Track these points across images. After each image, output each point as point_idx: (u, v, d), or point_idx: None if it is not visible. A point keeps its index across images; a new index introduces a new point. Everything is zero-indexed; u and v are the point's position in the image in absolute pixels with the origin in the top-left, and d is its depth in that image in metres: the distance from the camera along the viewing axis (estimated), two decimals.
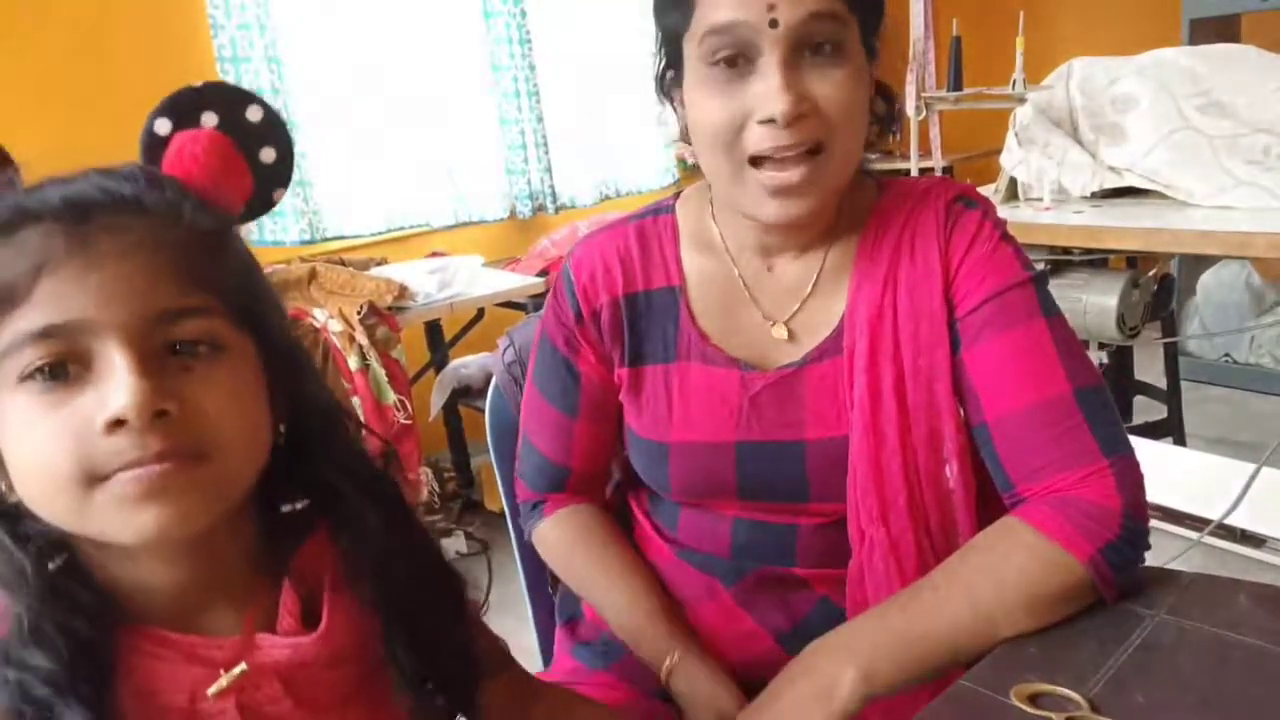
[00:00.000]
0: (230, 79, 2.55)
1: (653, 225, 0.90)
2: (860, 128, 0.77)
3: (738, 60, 0.73)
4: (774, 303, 0.86)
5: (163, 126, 0.57)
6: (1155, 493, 0.72)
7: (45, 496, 0.49)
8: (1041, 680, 0.63)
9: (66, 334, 0.47)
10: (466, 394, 2.65)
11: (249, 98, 0.60)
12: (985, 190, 2.40)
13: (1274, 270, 3.23)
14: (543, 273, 2.69)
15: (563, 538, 0.97)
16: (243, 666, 0.54)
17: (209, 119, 0.58)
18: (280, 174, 0.61)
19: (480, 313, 2.66)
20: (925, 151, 2.55)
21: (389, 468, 0.65)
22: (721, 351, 0.85)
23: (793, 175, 0.74)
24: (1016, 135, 2.28)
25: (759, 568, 0.89)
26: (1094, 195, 2.16)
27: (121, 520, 0.49)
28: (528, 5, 3.18)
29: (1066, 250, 2.09)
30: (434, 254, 2.85)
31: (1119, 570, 0.69)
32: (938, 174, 2.39)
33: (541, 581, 1.12)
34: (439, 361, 2.74)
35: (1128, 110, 2.12)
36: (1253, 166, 1.92)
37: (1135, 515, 0.70)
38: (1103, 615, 0.69)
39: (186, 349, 0.51)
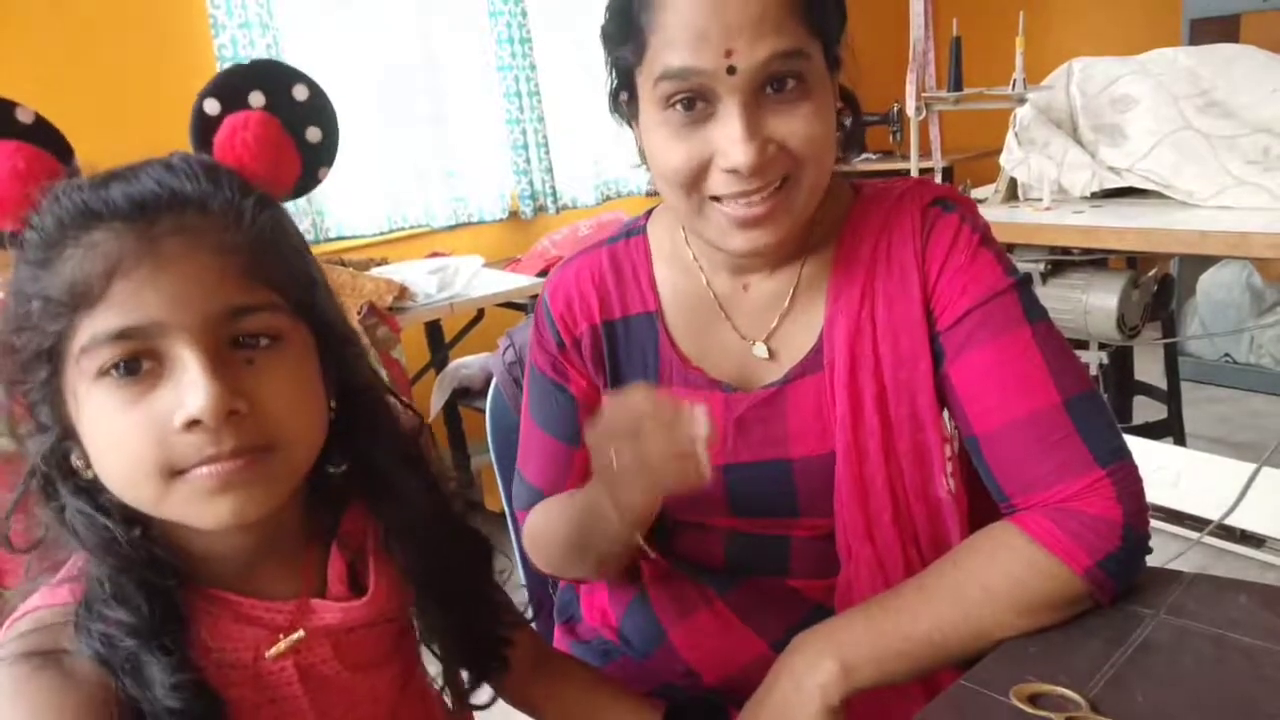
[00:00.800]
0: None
1: (625, 249, 0.88)
2: (829, 154, 0.74)
3: (695, 103, 0.70)
4: (751, 321, 0.84)
5: (212, 107, 0.58)
6: (1155, 493, 0.72)
7: (127, 484, 0.53)
8: (1041, 680, 0.63)
9: (141, 335, 0.50)
10: (466, 394, 2.65)
11: (296, 76, 0.61)
12: (985, 190, 2.40)
13: (1274, 270, 3.23)
14: (543, 273, 2.69)
15: (532, 522, 0.93)
16: (300, 634, 0.59)
17: (256, 98, 0.59)
18: (326, 153, 0.63)
19: (480, 313, 2.66)
20: (925, 151, 2.55)
21: (420, 441, 0.68)
22: (703, 374, 0.83)
23: (759, 208, 0.71)
24: (1016, 135, 2.29)
25: (752, 577, 0.88)
26: (1094, 195, 2.16)
27: (199, 510, 0.53)
28: (529, 5, 3.18)
29: (1066, 250, 2.09)
30: (434, 254, 2.85)
31: (1118, 578, 0.69)
32: (938, 174, 2.40)
33: (541, 582, 1.12)
34: (439, 362, 2.74)
35: (1128, 110, 2.12)
36: (1253, 166, 1.92)
37: (1136, 525, 0.69)
38: (1103, 615, 0.69)
39: (249, 341, 0.54)
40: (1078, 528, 0.68)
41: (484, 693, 0.73)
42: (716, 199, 0.73)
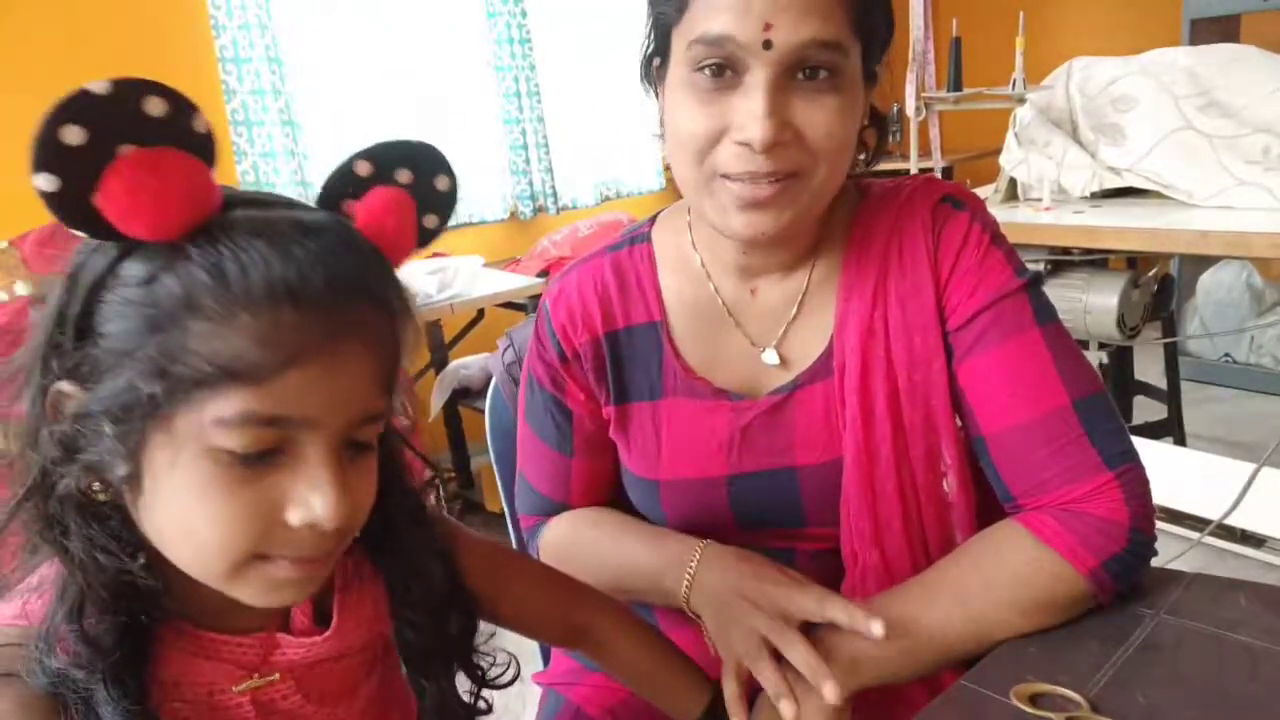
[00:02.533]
0: (231, 79, 2.56)
1: (629, 257, 0.86)
2: (844, 158, 0.72)
3: (724, 71, 0.68)
4: (759, 327, 0.82)
5: (364, 169, 0.57)
6: (1155, 493, 0.72)
7: (198, 557, 0.50)
8: (1041, 680, 0.63)
9: (290, 426, 0.48)
10: (466, 395, 2.65)
11: (445, 167, 0.61)
12: (985, 190, 2.40)
13: (1274, 270, 3.23)
14: (543, 273, 2.69)
15: (563, 532, 0.93)
16: (275, 676, 0.57)
17: (403, 175, 0.58)
18: (429, 238, 0.62)
19: (480, 313, 2.66)
20: (925, 151, 2.55)
21: (428, 494, 0.67)
22: (708, 384, 0.82)
23: (764, 191, 0.69)
24: (1016, 135, 2.29)
25: None
26: (1094, 195, 2.16)
27: (265, 595, 0.51)
28: (528, 5, 3.18)
29: (1066, 250, 2.09)
30: (434, 254, 2.85)
31: (1121, 580, 0.69)
32: (938, 174, 2.40)
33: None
34: (439, 362, 2.74)
35: (1128, 110, 2.12)
36: (1253, 166, 1.92)
37: (1142, 528, 0.69)
38: (1103, 615, 0.69)
39: (357, 443, 0.52)
40: (1084, 529, 0.68)
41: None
42: (725, 176, 0.71)
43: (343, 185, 0.57)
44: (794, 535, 0.84)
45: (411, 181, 0.58)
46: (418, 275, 2.40)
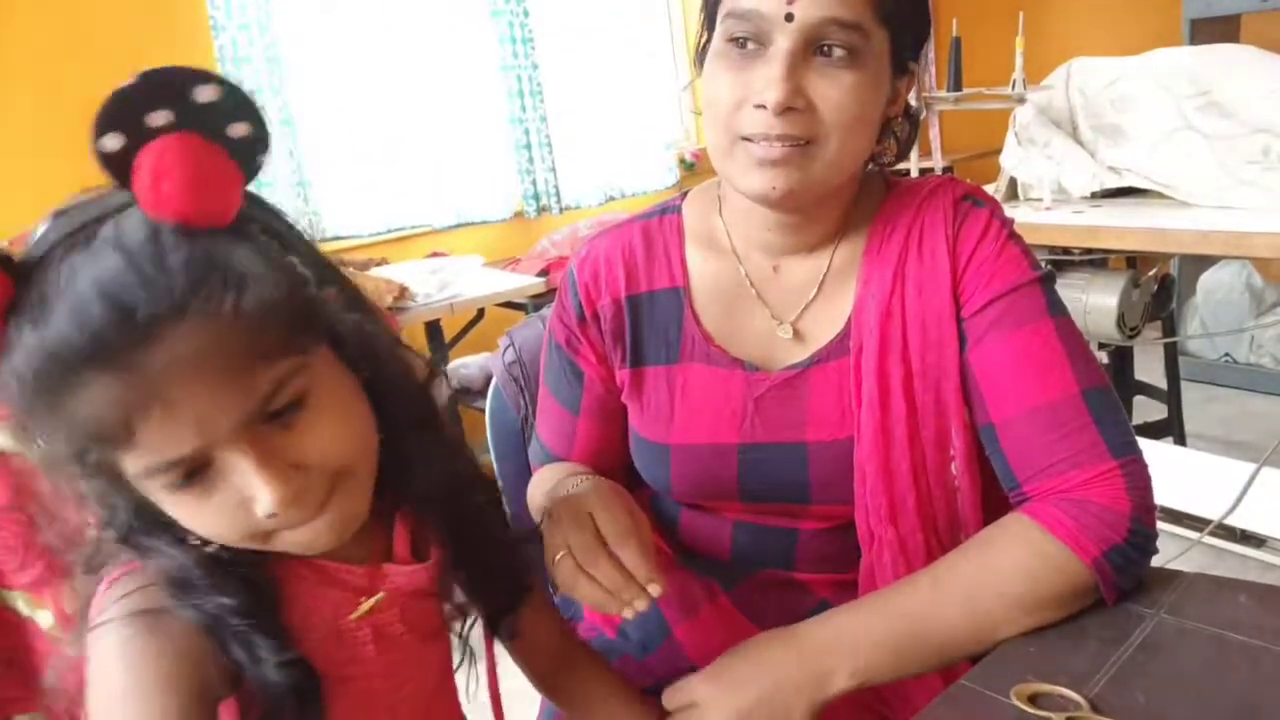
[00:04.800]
0: (232, 79, 2.55)
1: (658, 225, 0.90)
2: (859, 136, 0.76)
3: (751, 43, 0.74)
4: (781, 303, 0.85)
5: (113, 143, 0.49)
6: (1155, 493, 0.72)
7: (226, 543, 0.55)
8: (1041, 680, 0.63)
9: (185, 462, 0.49)
10: (466, 394, 2.65)
11: (192, 78, 0.51)
12: (985, 190, 2.40)
13: (1274, 270, 3.23)
14: (543, 273, 2.69)
15: (536, 479, 0.96)
16: (381, 595, 0.62)
17: (159, 118, 0.49)
18: (259, 142, 0.54)
19: (480, 313, 2.66)
20: (925, 151, 2.55)
21: (431, 393, 0.67)
22: (725, 353, 0.85)
23: (777, 150, 0.74)
24: (1016, 135, 2.29)
25: (758, 571, 0.89)
26: (1094, 195, 2.16)
27: (306, 548, 0.56)
28: (531, 5, 3.18)
29: (1066, 250, 2.09)
30: (434, 254, 2.85)
31: (1123, 573, 0.69)
32: (937, 174, 2.40)
33: (542, 581, 1.11)
34: (439, 362, 2.74)
35: (1128, 110, 2.12)
36: (1253, 166, 1.92)
37: (1144, 519, 0.70)
38: (1103, 615, 0.69)
39: (281, 411, 0.52)
40: (1086, 517, 0.69)
41: (508, 630, 0.75)
42: (746, 139, 0.75)
43: (117, 172, 0.50)
44: (797, 512, 0.86)
45: (173, 118, 0.50)
46: (418, 275, 2.40)
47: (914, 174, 2.27)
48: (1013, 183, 2.30)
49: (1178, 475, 2.11)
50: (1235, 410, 3.00)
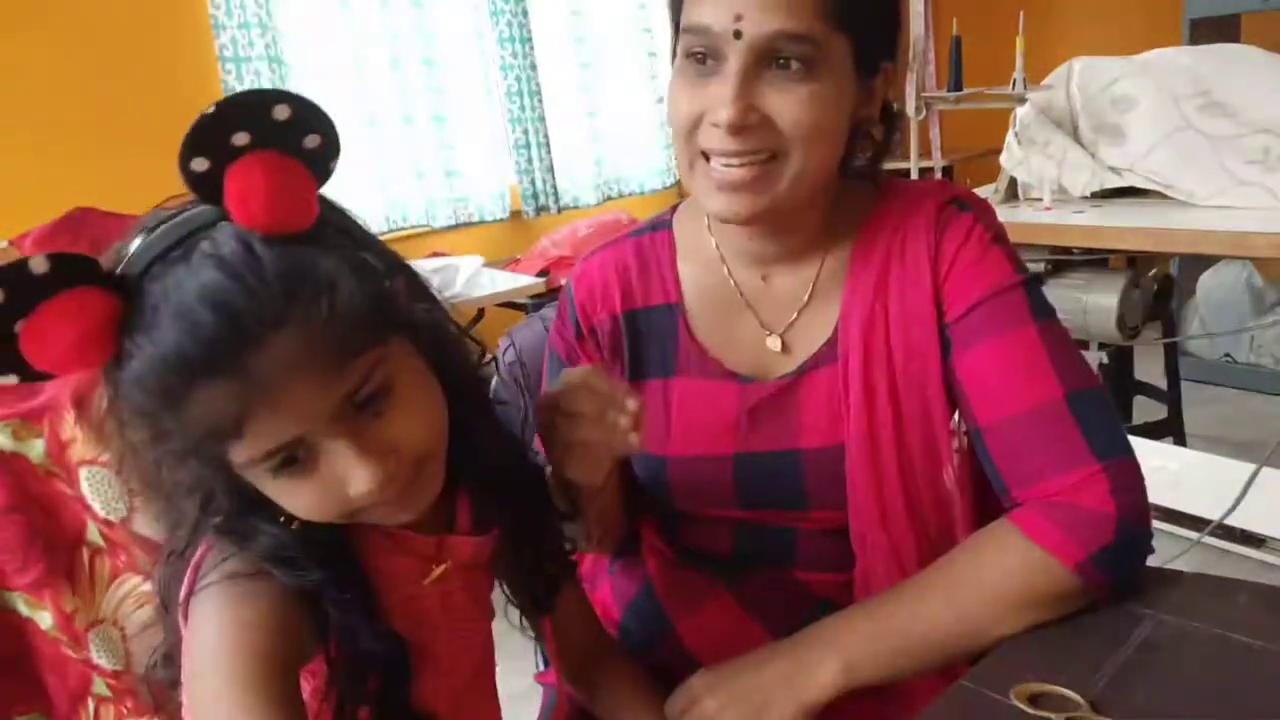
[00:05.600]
0: (232, 78, 2.56)
1: (650, 242, 0.90)
2: (824, 147, 0.76)
3: (707, 59, 0.74)
4: (771, 313, 0.85)
5: (200, 165, 0.54)
6: (1155, 493, 0.72)
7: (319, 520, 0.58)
8: (1041, 680, 0.63)
9: (287, 448, 0.54)
10: None
11: (270, 97, 0.57)
12: (985, 190, 2.40)
13: (1274, 270, 3.22)
14: (543, 272, 2.69)
15: None
16: (448, 564, 0.66)
17: (240, 138, 0.54)
18: (331, 148, 0.59)
19: (480, 313, 2.65)
20: (925, 151, 2.55)
21: (484, 369, 0.72)
22: (720, 365, 0.85)
23: (737, 174, 0.74)
24: (1016, 135, 2.29)
25: (760, 569, 0.89)
26: (1094, 195, 2.16)
27: (389, 520, 0.60)
28: (530, 5, 3.18)
29: (1066, 250, 2.09)
30: (434, 254, 2.85)
31: (1115, 574, 0.69)
32: (937, 174, 2.40)
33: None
34: None
35: (1128, 110, 2.12)
36: (1253, 166, 1.92)
37: (1133, 519, 0.69)
38: (1103, 615, 0.69)
39: (371, 398, 0.56)
40: (1071, 522, 0.69)
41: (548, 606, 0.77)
42: (706, 157, 0.76)
43: (206, 192, 0.54)
44: (796, 517, 0.86)
45: (253, 139, 0.54)
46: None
47: (914, 174, 2.28)
48: (1013, 183, 2.30)
49: (1178, 475, 2.11)
50: (1235, 410, 3.00)
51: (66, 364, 0.52)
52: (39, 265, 0.49)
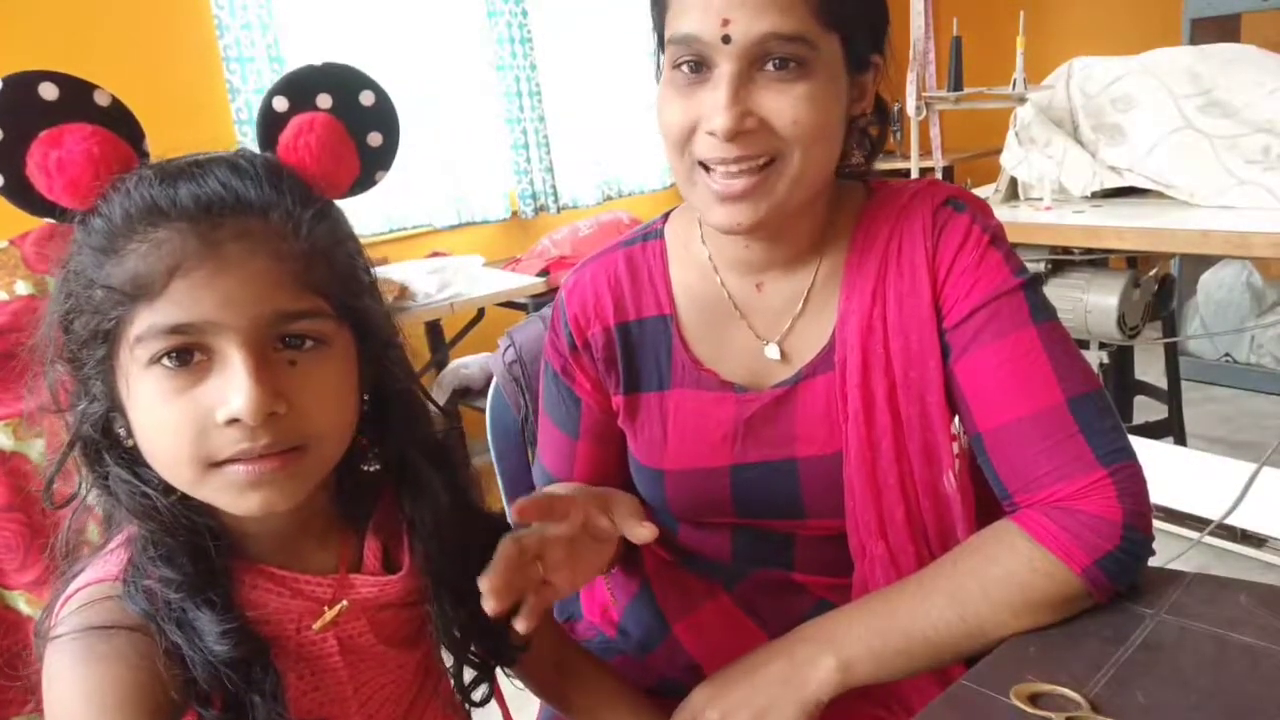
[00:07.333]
0: (235, 78, 2.56)
1: (641, 252, 0.89)
2: (822, 146, 0.74)
3: (699, 67, 0.72)
4: (765, 322, 0.84)
5: (280, 104, 0.60)
6: (1155, 493, 0.72)
7: (167, 466, 0.56)
8: (1041, 680, 0.63)
9: (194, 331, 0.53)
10: (466, 394, 2.65)
11: (365, 82, 0.63)
12: (985, 190, 2.40)
13: (1274, 270, 3.23)
14: (543, 272, 2.69)
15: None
16: (344, 604, 0.62)
17: (324, 100, 0.61)
18: (385, 157, 0.64)
19: (480, 313, 2.66)
20: (925, 151, 2.55)
21: (449, 439, 0.71)
22: (715, 375, 0.84)
23: (738, 183, 0.73)
24: (1016, 135, 2.29)
25: (758, 571, 0.89)
26: (1094, 195, 2.16)
27: (231, 500, 0.56)
28: (529, 5, 3.18)
29: (1066, 250, 2.09)
30: (434, 254, 2.85)
31: (1117, 578, 0.69)
32: (938, 174, 2.40)
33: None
34: (439, 361, 2.74)
35: (1128, 110, 2.12)
36: (1253, 166, 1.92)
37: (1137, 525, 0.69)
38: (1103, 615, 0.69)
39: (294, 343, 0.56)
40: (1077, 526, 0.69)
41: (480, 692, 0.74)
42: (704, 167, 0.74)
43: (269, 126, 0.60)
44: (794, 525, 0.85)
45: (333, 105, 0.61)
46: (418, 275, 2.40)
47: (914, 174, 2.28)
48: (1013, 182, 2.30)
49: (1178, 475, 2.11)
50: (1235, 410, 3.00)
51: (77, 178, 0.54)
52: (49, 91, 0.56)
